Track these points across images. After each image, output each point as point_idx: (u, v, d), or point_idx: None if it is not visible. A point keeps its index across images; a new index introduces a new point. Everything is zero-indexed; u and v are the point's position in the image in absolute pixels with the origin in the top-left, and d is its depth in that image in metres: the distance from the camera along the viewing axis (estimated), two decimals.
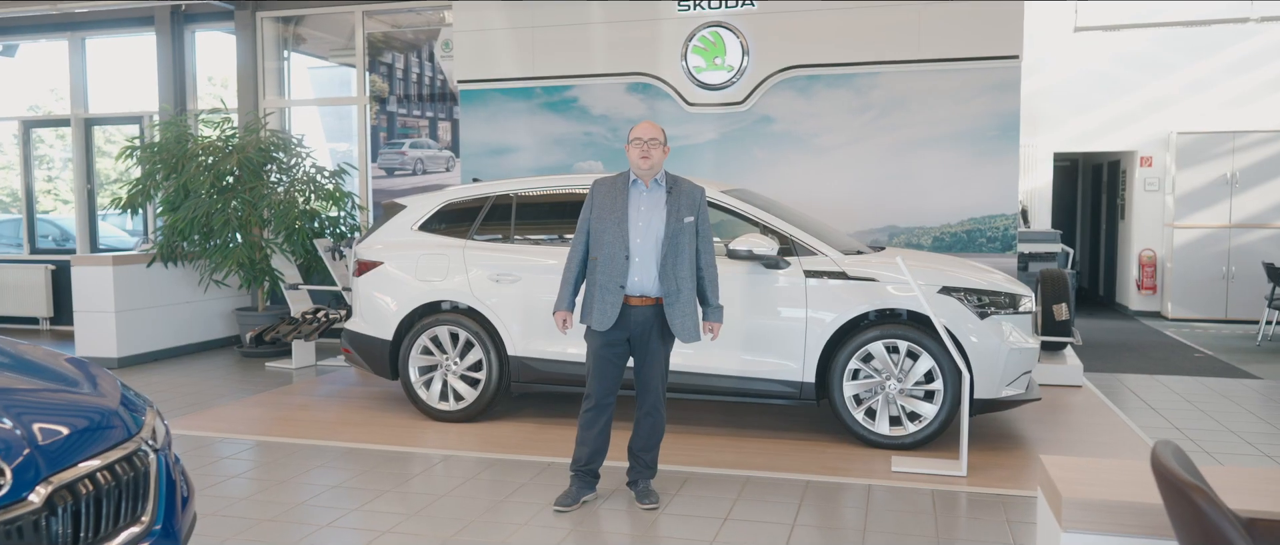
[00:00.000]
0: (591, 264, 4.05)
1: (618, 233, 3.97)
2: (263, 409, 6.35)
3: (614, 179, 4.14)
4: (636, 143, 4.07)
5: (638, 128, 4.07)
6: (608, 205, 4.04)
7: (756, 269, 5.27)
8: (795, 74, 7.69)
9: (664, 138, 4.09)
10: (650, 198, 4.05)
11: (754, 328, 5.28)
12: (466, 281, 5.78)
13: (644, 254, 3.97)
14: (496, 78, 8.36)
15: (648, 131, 4.03)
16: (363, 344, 6.09)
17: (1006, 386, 5.10)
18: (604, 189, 4.10)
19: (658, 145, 4.03)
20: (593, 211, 4.08)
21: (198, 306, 8.61)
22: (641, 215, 4.00)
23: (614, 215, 4.00)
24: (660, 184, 4.10)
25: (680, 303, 4.01)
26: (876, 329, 5.12)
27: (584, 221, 4.13)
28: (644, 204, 4.03)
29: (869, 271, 5.17)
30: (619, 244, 3.96)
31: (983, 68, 7.31)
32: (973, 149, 7.37)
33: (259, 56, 9.45)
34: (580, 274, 4.14)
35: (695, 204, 4.09)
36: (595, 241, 4.03)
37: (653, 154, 4.03)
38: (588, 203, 4.15)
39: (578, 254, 4.12)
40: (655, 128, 4.07)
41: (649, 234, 3.98)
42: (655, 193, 4.06)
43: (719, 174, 7.86)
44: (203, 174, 7.72)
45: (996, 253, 7.34)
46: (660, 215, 4.01)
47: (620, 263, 3.95)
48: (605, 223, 4.01)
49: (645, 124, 4.09)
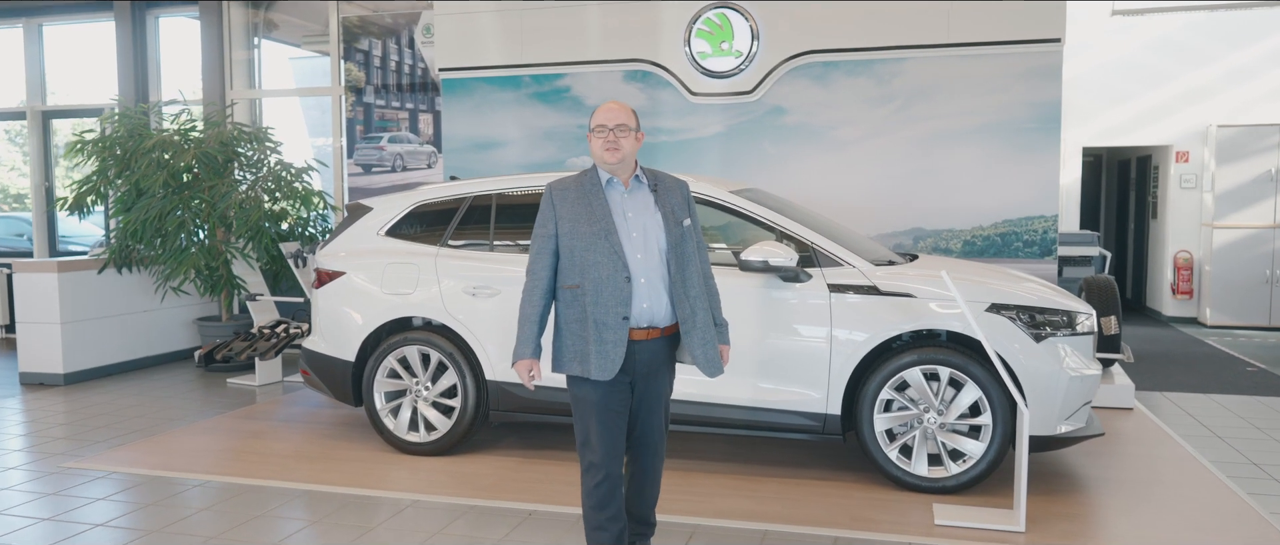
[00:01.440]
0: (569, 295, 3.14)
1: (609, 250, 3.08)
2: (212, 438, 5.62)
3: (577, 181, 3.21)
4: (600, 132, 3.15)
5: (600, 112, 3.15)
6: (582, 215, 3.13)
7: (772, 283, 4.54)
8: (810, 60, 6.95)
9: (635, 122, 3.19)
10: (637, 200, 3.19)
11: (769, 351, 4.55)
12: (439, 295, 5.05)
13: (650, 273, 3.11)
14: (481, 65, 7.63)
15: (613, 115, 3.13)
16: (322, 365, 5.36)
17: (1064, 421, 4.36)
18: (569, 195, 3.17)
19: (627, 132, 3.13)
20: (560, 225, 3.17)
21: (156, 316, 7.87)
22: (634, 224, 3.14)
23: (597, 228, 3.10)
24: (642, 181, 3.24)
25: (698, 327, 3.18)
26: (913, 353, 4.38)
27: (547, 240, 3.18)
28: (631, 209, 3.16)
29: (904, 286, 4.43)
30: (614, 264, 3.06)
31: (1020, 52, 6.56)
32: (1008, 143, 6.63)
33: (225, 43, 8.71)
34: (546, 308, 3.21)
35: (686, 201, 3.28)
36: (574, 265, 3.12)
37: (622, 144, 3.12)
38: (546, 214, 3.21)
39: (541, 283, 3.17)
40: (623, 109, 3.17)
41: (650, 247, 3.12)
42: (640, 193, 3.21)
43: (725, 171, 7.13)
44: (155, 171, 6.98)
45: (1034, 258, 6.61)
46: (656, 221, 3.16)
47: (620, 288, 3.06)
48: (586, 238, 3.10)
49: (609, 106, 3.17)
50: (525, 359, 3.16)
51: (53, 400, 6.72)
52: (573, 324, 3.14)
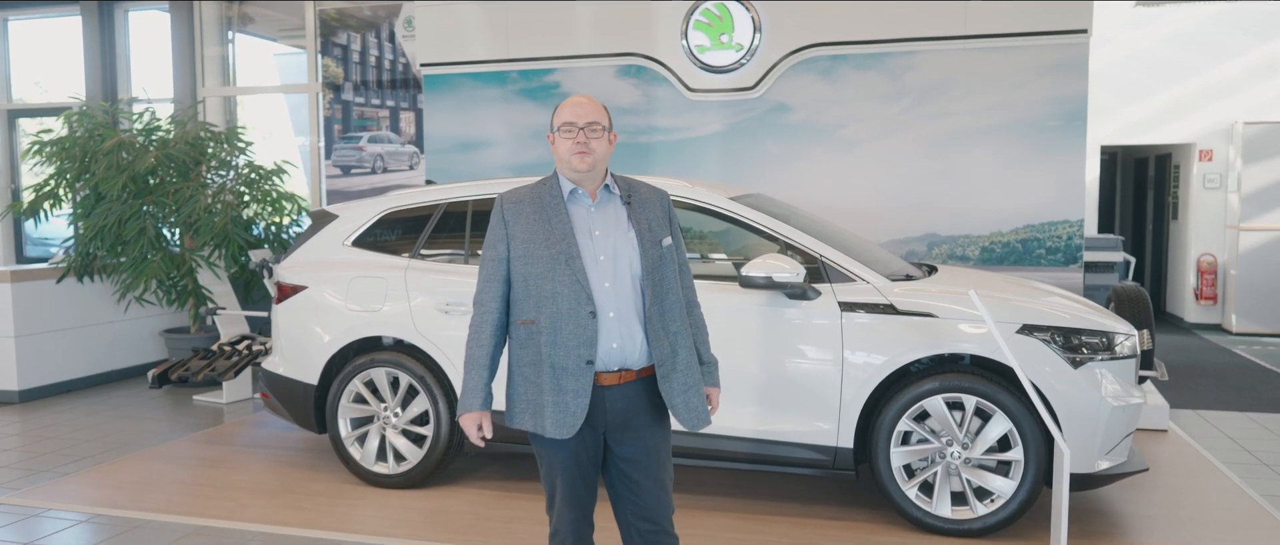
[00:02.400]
0: (524, 333, 2.60)
1: (569, 277, 2.54)
2: (167, 467, 5.15)
3: (534, 192, 2.66)
4: (567, 132, 2.59)
5: (567, 107, 2.61)
6: (538, 235, 2.58)
7: (777, 300, 4.06)
8: (817, 53, 6.47)
9: (608, 120, 2.66)
10: (606, 215, 2.64)
11: (774, 377, 4.07)
12: (408, 311, 4.57)
13: (620, 305, 2.57)
14: (465, 60, 7.16)
15: (584, 111, 2.59)
16: (283, 388, 4.89)
17: (1104, 456, 3.89)
18: (524, 210, 2.62)
19: (600, 133, 2.60)
20: (512, 247, 2.62)
21: (119, 328, 7.41)
22: (602, 244, 2.59)
23: (555, 250, 2.56)
24: (612, 192, 2.69)
25: (679, 369, 2.64)
26: (935, 379, 3.91)
27: (496, 264, 2.63)
28: (599, 225, 2.62)
29: (924, 304, 3.95)
30: (576, 295, 2.53)
31: (1043, 44, 6.08)
32: (1030, 142, 6.15)
33: (197, 38, 8.24)
34: (496, 348, 2.66)
35: (666, 214, 2.74)
36: (529, 296, 2.58)
37: (593, 147, 2.59)
38: (496, 233, 2.66)
39: (490, 318, 2.62)
40: (593, 104, 2.63)
41: (620, 272, 2.58)
42: (610, 206, 2.67)
43: (725, 173, 6.65)
44: (115, 174, 6.51)
45: (1058, 266, 6.14)
46: (629, 240, 2.61)
47: (583, 324, 2.53)
48: (544, 263, 2.56)
49: (577, 100, 2.63)
50: (472, 412, 2.62)
51: (4, 421, 6.26)
52: (526, 368, 2.61)
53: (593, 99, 2.67)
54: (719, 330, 4.11)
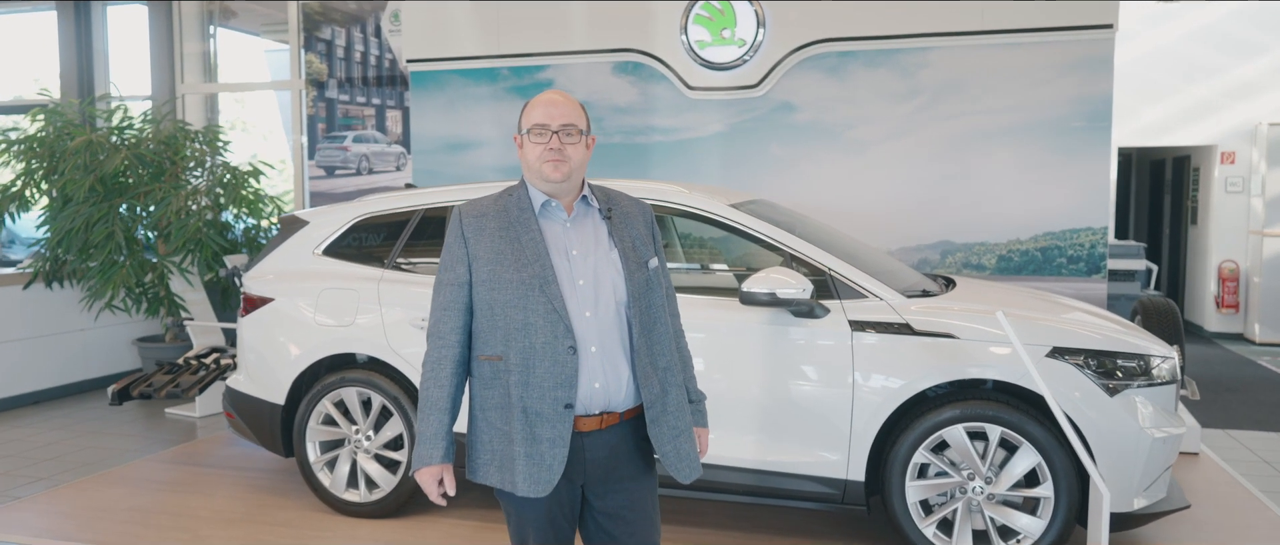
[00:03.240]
0: (488, 370, 2.23)
1: (545, 306, 2.16)
2: (126, 490, 4.80)
3: (498, 204, 2.29)
4: (538, 135, 2.22)
5: (538, 106, 2.25)
6: (506, 255, 2.21)
7: (781, 319, 3.70)
8: (824, 49, 6.11)
9: (585, 121, 2.29)
10: (584, 231, 2.28)
11: (777, 402, 3.71)
12: (381, 326, 4.22)
13: (603, 337, 2.20)
14: (454, 56, 6.81)
15: (557, 110, 2.22)
16: (248, 408, 4.53)
17: (1142, 493, 3.52)
18: (487, 225, 2.25)
19: (576, 137, 2.24)
20: (475, 269, 2.24)
21: (91, 336, 7.06)
22: (581, 266, 2.23)
23: (527, 273, 2.18)
24: (591, 204, 2.33)
25: (669, 411, 2.27)
26: (955, 406, 3.54)
27: (456, 290, 2.25)
28: (578, 244, 2.25)
29: (944, 323, 3.58)
30: (553, 326, 2.16)
31: (1066, 41, 5.71)
32: (1051, 144, 5.79)
33: (176, 32, 7.89)
34: (458, 389, 2.28)
35: (649, 230, 2.38)
36: (495, 327, 2.21)
37: (569, 153, 2.23)
38: (454, 252, 2.27)
39: (449, 353, 2.24)
40: (568, 102, 2.25)
41: (602, 299, 2.21)
42: (588, 221, 2.31)
43: (726, 176, 6.29)
44: (82, 175, 6.16)
45: (1080, 277, 5.77)
46: (612, 261, 2.25)
47: (561, 361, 2.15)
48: (513, 289, 2.18)
49: (549, 97, 2.26)
50: (431, 466, 2.23)
51: None
52: (492, 412, 2.24)
53: (568, 96, 2.31)
54: (717, 350, 3.76)
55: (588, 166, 2.35)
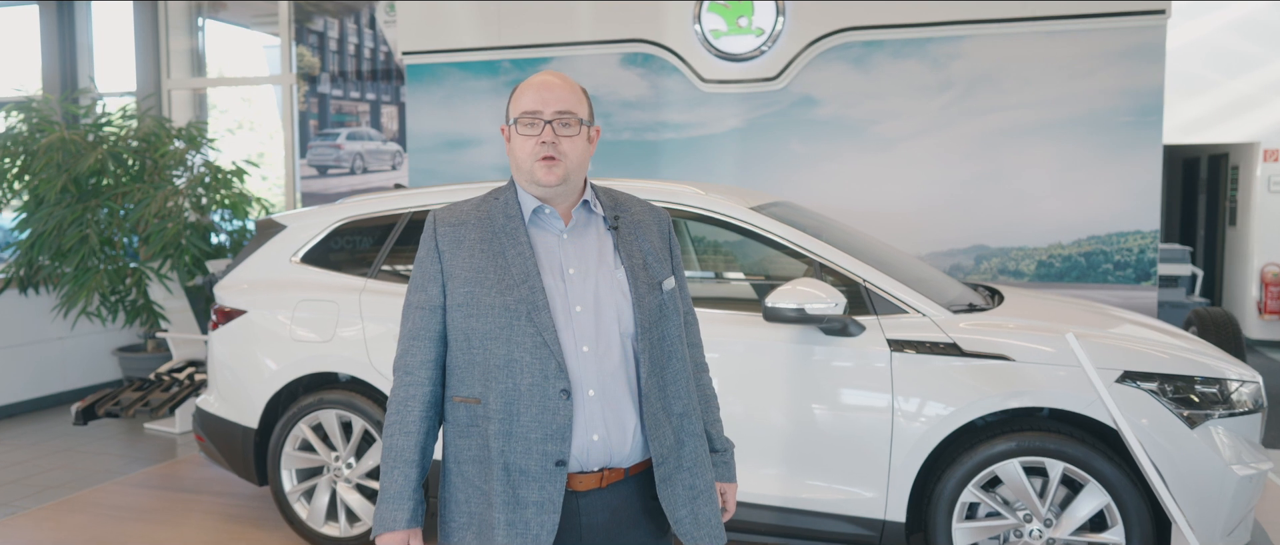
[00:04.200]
0: (464, 415, 1.81)
1: (532, 338, 1.74)
2: (88, 517, 4.40)
3: (480, 210, 1.87)
4: (528, 125, 1.79)
5: (528, 89, 1.81)
6: (487, 273, 1.79)
7: (810, 337, 3.27)
8: (848, 39, 5.67)
9: (587, 109, 1.86)
10: (584, 244, 1.86)
11: (805, 432, 3.28)
12: (362, 342, 3.80)
13: (604, 378, 1.77)
14: (452, 48, 6.40)
15: (553, 97, 1.79)
16: (219, 431, 4.12)
17: (1225, 537, 3.08)
18: (467, 236, 1.84)
19: (575, 128, 1.81)
20: (450, 291, 1.82)
21: (69, 345, 6.67)
22: (578, 288, 1.80)
23: (512, 297, 1.76)
24: (593, 210, 1.90)
25: (686, 467, 1.84)
26: (1009, 438, 3.11)
27: (426, 314, 1.84)
28: (574, 260, 1.83)
29: (996, 343, 3.15)
30: (542, 364, 1.74)
31: (1112, 27, 5.26)
32: (1095, 140, 5.34)
33: (162, 24, 7.50)
34: (428, 436, 1.84)
35: (665, 243, 1.95)
36: (473, 363, 1.79)
37: (565, 148, 1.80)
38: (427, 269, 1.86)
39: (418, 391, 1.83)
40: (566, 86, 1.82)
41: (605, 329, 1.79)
42: (590, 231, 1.88)
43: (742, 175, 5.86)
44: (55, 174, 5.77)
45: (1128, 284, 5.32)
46: (617, 282, 1.83)
47: (552, 407, 1.73)
48: (495, 316, 1.76)
49: (543, 80, 1.82)
50: (394, 531, 1.82)
51: None
52: (468, 466, 1.82)
53: (566, 78, 1.87)
54: (735, 372, 3.33)
55: (590, 164, 1.92)
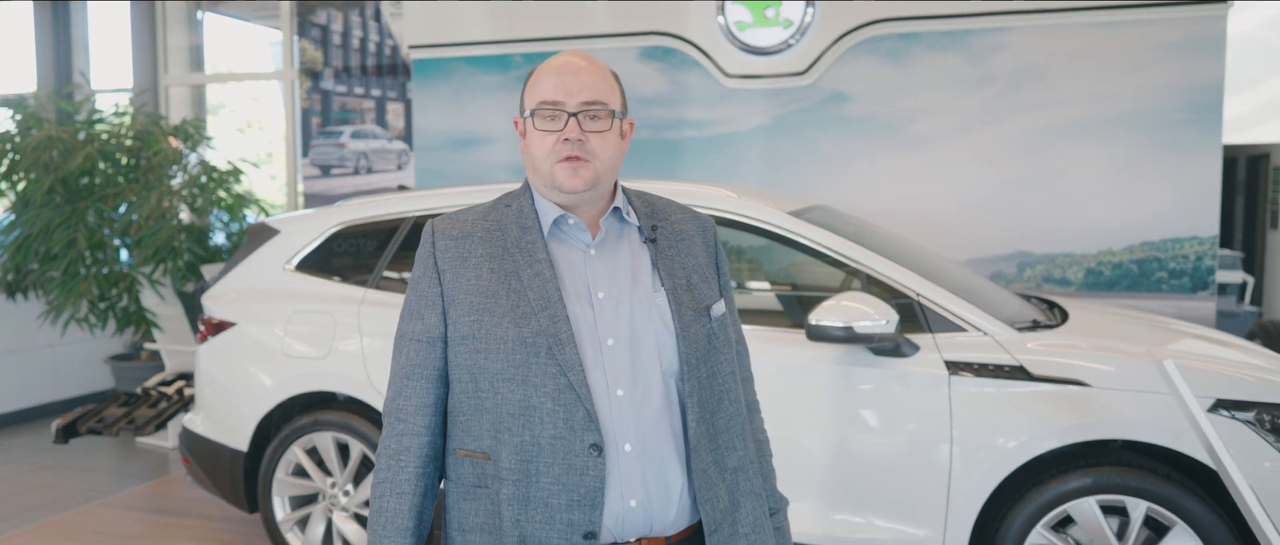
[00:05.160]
0: (470, 471, 1.49)
1: (554, 379, 1.42)
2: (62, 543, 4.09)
3: (489, 219, 1.55)
4: (547, 116, 1.46)
5: (547, 74, 1.50)
6: (497, 298, 1.47)
7: (857, 358, 2.93)
8: (882, 31, 5.32)
9: (620, 98, 1.54)
10: (616, 261, 1.53)
11: (850, 463, 2.94)
12: (361, 358, 3.48)
13: (643, 429, 1.43)
14: (461, 42, 6.08)
15: (578, 83, 1.48)
16: (206, 453, 3.80)
17: None
18: (472, 252, 1.52)
19: (605, 121, 1.49)
20: (453, 319, 1.49)
21: (60, 353, 6.37)
22: (609, 315, 1.47)
23: (529, 328, 1.44)
24: (625, 220, 1.57)
25: (742, 533, 1.49)
26: (1084, 473, 2.76)
27: (424, 347, 1.51)
28: (604, 281, 1.50)
29: (1069, 365, 2.80)
30: (567, 412, 1.41)
31: (1168, 18, 4.90)
32: (1149, 139, 4.98)
33: (159, 19, 7.20)
34: (425, 498, 1.52)
35: (712, 258, 1.62)
36: (481, 410, 1.47)
37: (595, 148, 1.48)
38: (424, 293, 1.53)
39: (416, 441, 1.50)
40: (594, 70, 1.51)
41: (643, 368, 1.46)
42: (623, 245, 1.55)
43: (768, 176, 5.52)
44: (42, 174, 5.47)
45: (1183, 293, 4.96)
46: (655, 308, 1.50)
47: (579, 466, 1.40)
48: (505, 351, 1.44)
49: (565, 62, 1.51)
50: None
51: None
52: (474, 537, 1.49)
53: (592, 60, 1.54)
54: (772, 394, 2.98)
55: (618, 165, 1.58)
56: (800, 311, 3.78)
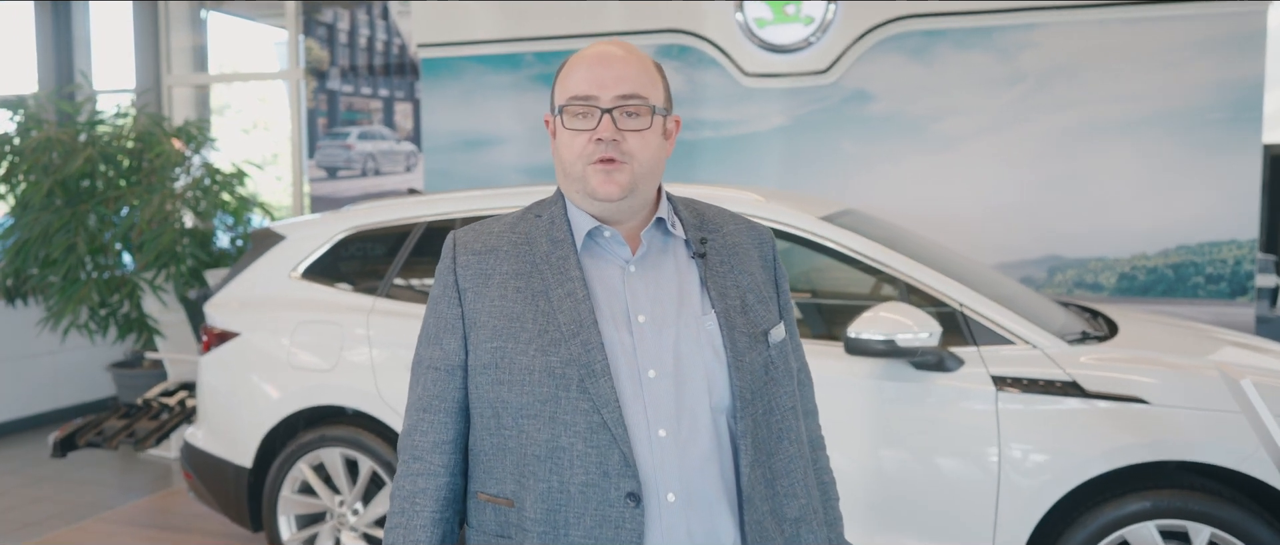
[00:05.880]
0: (490, 521, 1.32)
1: (585, 414, 1.24)
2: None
3: (516, 232, 1.39)
4: (578, 114, 1.31)
5: (579, 65, 1.34)
6: (523, 321, 1.30)
7: (897, 372, 2.76)
8: (907, 27, 5.15)
9: (663, 92, 1.38)
10: (660, 279, 1.35)
11: (892, 483, 2.77)
12: (371, 370, 3.32)
13: (688, 474, 1.25)
14: (471, 40, 5.92)
15: (613, 74, 1.31)
16: (209, 469, 3.64)
17: None
18: (496, 270, 1.35)
19: (645, 118, 1.32)
20: (474, 345, 1.33)
21: (61, 360, 6.23)
22: (650, 343, 1.29)
23: (558, 356, 1.26)
24: (670, 231, 1.39)
25: None
26: (1143, 497, 2.59)
27: (442, 376, 1.36)
28: (645, 304, 1.32)
29: (1128, 381, 2.62)
30: (599, 453, 1.23)
31: (1206, 13, 4.72)
32: (1185, 139, 4.80)
33: (162, 19, 7.05)
34: (444, 539, 1.33)
35: (771, 273, 1.45)
36: (504, 449, 1.30)
37: (634, 149, 1.31)
38: (443, 314, 1.37)
39: (434, 481, 1.34)
40: (632, 58, 1.35)
41: (690, 404, 1.27)
42: (666, 261, 1.37)
43: (788, 177, 5.35)
44: (41, 177, 5.33)
45: (1221, 299, 4.79)
46: (705, 333, 1.32)
47: (614, 518, 1.22)
48: (531, 382, 1.27)
49: (600, 52, 1.34)
50: None
51: None
52: None
53: (632, 48, 1.38)
54: None
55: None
56: (821, 321, 3.62)
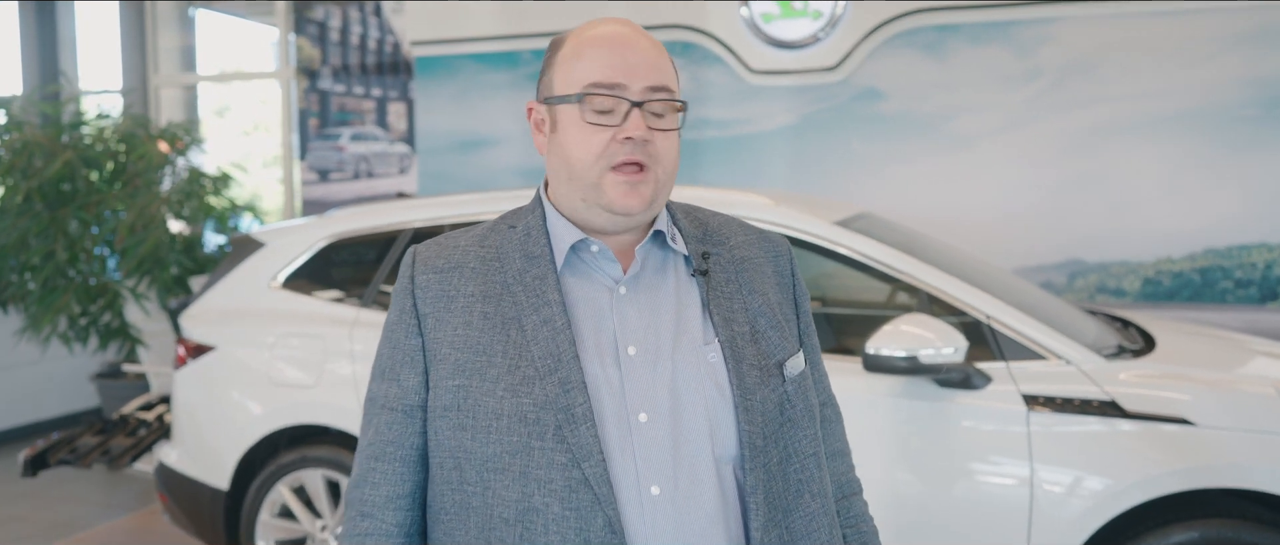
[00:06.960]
0: None
1: (562, 467, 1.02)
2: None
3: (481, 249, 1.16)
4: (600, 109, 1.09)
5: (593, 45, 1.11)
6: (488, 355, 1.08)
7: (920, 391, 2.54)
8: (919, 22, 4.94)
9: (673, 79, 1.13)
10: (653, 302, 1.13)
11: (915, 510, 2.55)
12: (354, 386, 3.11)
13: (684, 534, 1.03)
14: (467, 37, 5.72)
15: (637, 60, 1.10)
16: (184, 491, 3.43)
17: None
18: (461, 292, 1.13)
19: (671, 115, 1.11)
20: (435, 382, 1.10)
21: (43, 370, 6.02)
22: (643, 380, 1.07)
23: (529, 397, 1.04)
24: (669, 246, 1.17)
25: None
26: (1189, 526, 2.37)
27: (398, 416, 1.12)
28: (637, 332, 1.10)
29: (1171, 400, 2.41)
30: (579, 516, 1.02)
31: (1233, 7, 4.52)
32: (1212, 138, 4.59)
33: (149, 17, 6.85)
34: None
35: (789, 292, 1.23)
36: (468, 505, 1.07)
37: (661, 151, 1.09)
38: (401, 345, 1.13)
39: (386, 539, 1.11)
40: (650, 45, 1.12)
41: (685, 451, 1.05)
42: (663, 280, 1.15)
43: (796, 178, 5.14)
44: (18, 180, 5.13)
45: (1249, 304, 4.58)
46: (706, 367, 1.10)
47: None
48: (497, 429, 1.04)
49: (612, 31, 1.11)
50: None
51: None
52: None
53: (642, 30, 1.16)
54: None
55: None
56: (833, 333, 3.41)
